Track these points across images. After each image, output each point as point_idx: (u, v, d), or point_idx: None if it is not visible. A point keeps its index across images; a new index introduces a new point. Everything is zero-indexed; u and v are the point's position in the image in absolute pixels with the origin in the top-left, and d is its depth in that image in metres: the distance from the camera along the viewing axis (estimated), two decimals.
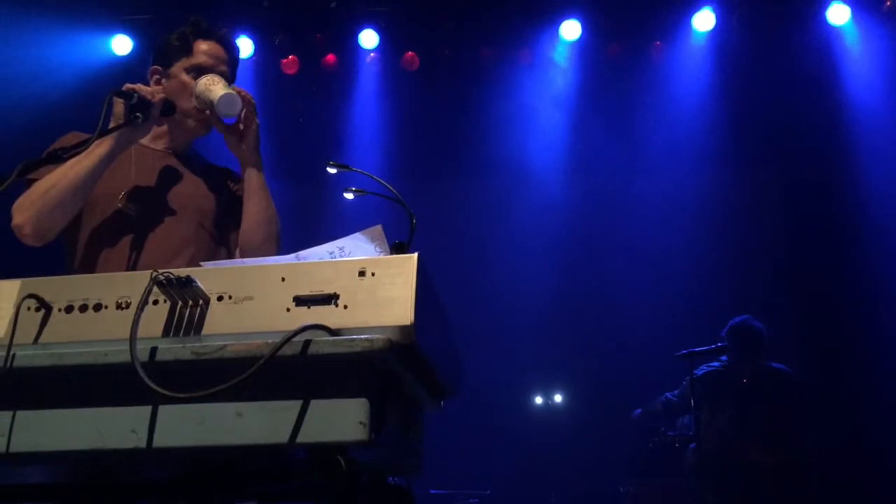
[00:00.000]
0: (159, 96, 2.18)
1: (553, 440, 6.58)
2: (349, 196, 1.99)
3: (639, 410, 5.72)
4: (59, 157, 1.82)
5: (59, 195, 2.13)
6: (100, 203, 2.25)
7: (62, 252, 2.32)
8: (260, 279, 1.29)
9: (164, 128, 2.39)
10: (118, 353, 1.22)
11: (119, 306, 1.30)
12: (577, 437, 6.47)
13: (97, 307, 1.30)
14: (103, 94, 2.07)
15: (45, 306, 1.31)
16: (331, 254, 1.51)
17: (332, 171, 1.98)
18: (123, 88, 2.12)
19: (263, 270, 1.30)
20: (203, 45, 2.35)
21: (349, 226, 1.55)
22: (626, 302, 6.44)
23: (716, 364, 5.36)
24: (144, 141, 2.37)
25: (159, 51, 2.40)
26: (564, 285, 6.62)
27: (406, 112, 6.58)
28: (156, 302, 1.29)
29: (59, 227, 2.20)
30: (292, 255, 1.49)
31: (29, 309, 1.31)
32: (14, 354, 1.26)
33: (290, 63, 6.38)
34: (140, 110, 2.12)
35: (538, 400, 7.01)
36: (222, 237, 2.36)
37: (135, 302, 1.27)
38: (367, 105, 6.62)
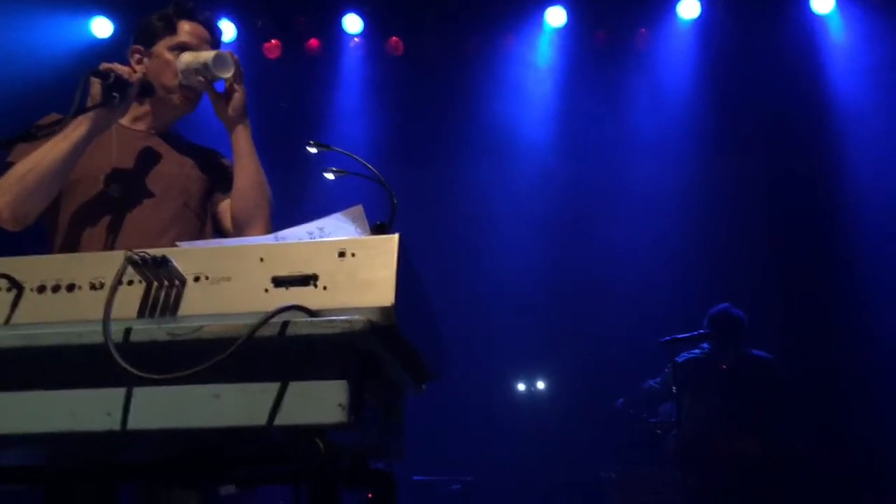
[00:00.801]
0: (137, 76, 2.15)
1: (536, 427, 6.60)
2: (329, 176, 1.97)
3: (621, 400, 5.74)
4: (32, 136, 1.78)
5: (36, 178, 2.10)
6: (81, 185, 2.22)
7: (45, 234, 2.29)
8: (237, 259, 1.26)
9: (147, 108, 2.36)
10: (92, 334, 1.19)
11: (93, 286, 1.27)
12: (560, 424, 6.48)
13: (70, 287, 1.27)
14: (83, 77, 2.04)
15: (16, 286, 1.28)
16: (310, 234, 1.49)
17: (312, 150, 1.96)
18: (100, 68, 2.09)
19: (241, 251, 1.28)
20: (187, 26, 2.33)
21: (330, 206, 1.53)
22: (611, 289, 6.45)
23: (696, 351, 5.38)
24: (126, 122, 2.35)
25: (142, 31, 2.38)
26: (549, 272, 6.62)
27: (390, 97, 6.55)
28: (130, 282, 1.26)
29: (38, 211, 2.17)
30: (271, 236, 1.47)
31: (0, 289, 1.28)
32: None
33: (272, 47, 6.32)
34: (117, 90, 2.09)
35: (521, 387, 7.02)
36: (206, 215, 2.34)
37: (109, 282, 1.25)
38: (350, 90, 6.57)
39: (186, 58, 2.20)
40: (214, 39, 2.39)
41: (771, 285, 6.68)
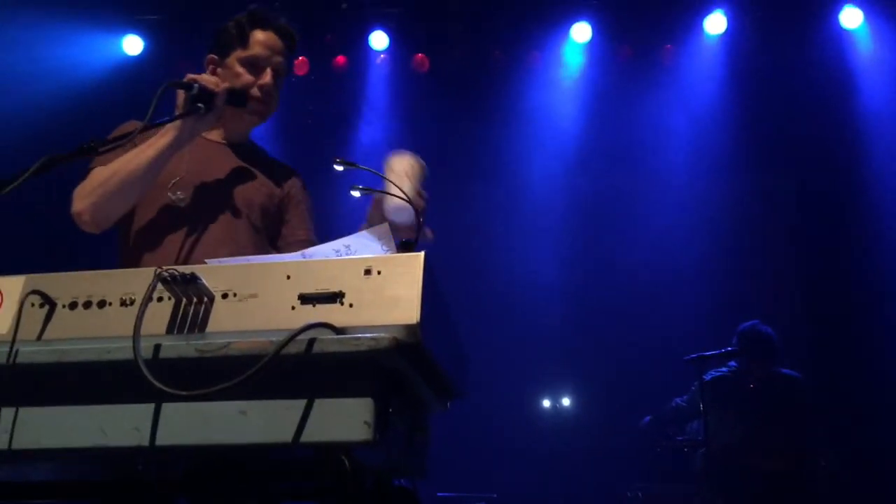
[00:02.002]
0: (223, 86, 2.15)
1: (560, 444, 6.55)
2: (356, 194, 1.98)
3: (648, 417, 5.68)
4: (90, 149, 1.74)
5: (119, 184, 2.11)
6: (151, 193, 2.22)
7: (115, 240, 2.31)
8: (265, 277, 1.28)
9: (224, 118, 2.34)
10: (121, 350, 1.21)
11: (123, 303, 1.29)
12: (585, 441, 6.43)
13: (101, 304, 1.29)
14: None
15: (49, 302, 1.30)
16: (337, 252, 1.50)
17: (339, 168, 1.97)
18: (184, 79, 2.10)
19: (268, 268, 1.29)
20: (259, 36, 2.31)
21: (356, 224, 1.55)
22: (637, 306, 6.41)
23: (724, 369, 5.33)
24: (206, 133, 2.34)
25: (217, 39, 2.37)
26: (574, 288, 6.59)
27: (415, 114, 6.57)
28: (160, 299, 1.28)
29: (117, 216, 2.18)
30: (298, 253, 1.48)
31: (33, 305, 1.31)
32: (17, 351, 1.26)
33: (300, 64, 6.38)
34: (202, 101, 2.09)
35: (546, 403, 6.98)
36: (271, 231, 2.32)
37: (139, 299, 1.26)
38: (376, 106, 6.61)
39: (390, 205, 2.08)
40: (288, 48, 2.36)
41: (799, 302, 6.60)
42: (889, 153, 6.02)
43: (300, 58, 6.37)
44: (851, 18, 5.91)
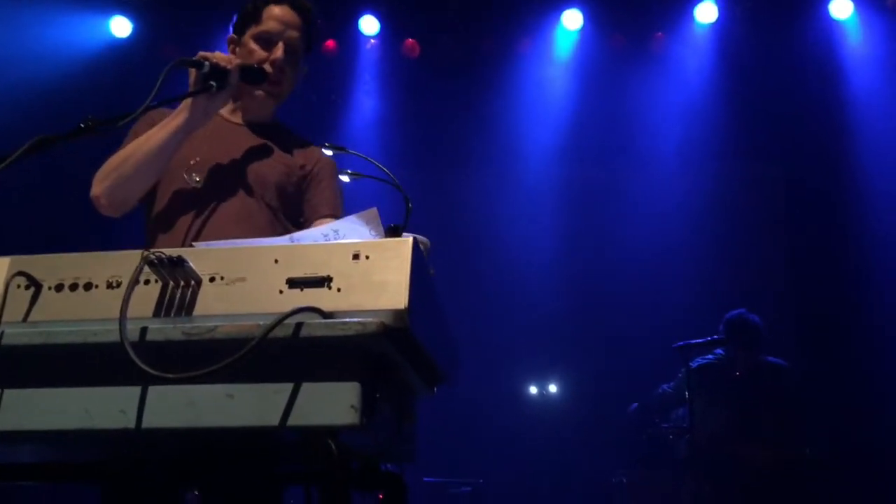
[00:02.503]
0: (235, 62, 2.11)
1: (547, 430, 6.58)
2: (345, 178, 1.98)
3: (635, 405, 5.72)
4: (87, 129, 1.69)
5: (133, 166, 2.11)
6: (171, 173, 2.20)
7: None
8: (253, 260, 1.27)
9: (241, 98, 2.33)
10: (108, 333, 1.20)
11: (110, 285, 1.28)
12: (571, 428, 6.47)
13: (87, 286, 1.29)
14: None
15: (34, 284, 1.30)
16: (325, 236, 1.50)
17: (328, 152, 1.97)
18: (196, 57, 2.06)
19: (256, 252, 1.28)
20: (273, 10, 2.27)
21: (345, 209, 1.54)
22: (624, 293, 6.43)
23: (711, 357, 5.36)
24: (225, 113, 2.33)
25: (238, 17, 2.34)
26: (562, 276, 6.61)
27: (405, 99, 6.55)
28: (147, 282, 1.27)
29: (135, 198, 2.17)
30: (286, 237, 1.47)
31: (18, 287, 1.30)
32: (2, 332, 1.25)
33: None
34: (214, 78, 2.05)
35: (532, 390, 7.01)
36: (289, 210, 2.28)
37: (125, 281, 1.26)
38: (366, 91, 6.59)
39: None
40: (305, 22, 2.31)
41: (787, 291, 6.64)
42: (877, 143, 6.05)
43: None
44: (841, 9, 5.92)
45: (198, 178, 2.17)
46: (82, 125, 1.59)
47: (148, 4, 6.20)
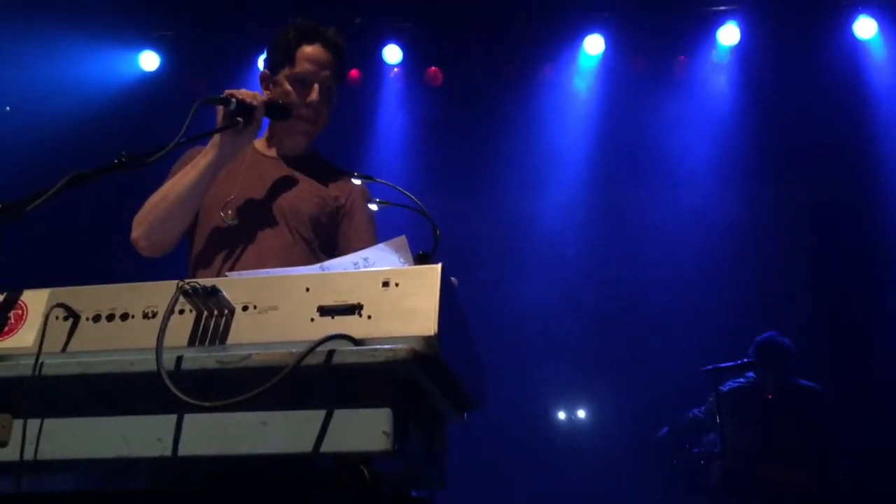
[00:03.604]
0: (261, 100, 2.16)
1: (576, 455, 6.53)
2: (374, 207, 2.00)
3: (665, 429, 5.66)
4: (121, 165, 1.71)
5: (168, 208, 2.16)
6: (210, 210, 2.25)
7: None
8: (284, 289, 1.29)
9: (276, 134, 2.38)
10: (144, 362, 1.23)
11: (146, 315, 1.31)
12: (601, 453, 6.41)
13: (124, 316, 1.32)
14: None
15: (73, 315, 1.33)
16: (355, 264, 1.52)
17: (356, 182, 2.00)
18: (223, 95, 2.10)
19: (288, 281, 1.31)
20: (306, 50, 2.31)
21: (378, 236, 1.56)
22: (653, 317, 6.39)
23: (741, 380, 5.30)
24: (262, 148, 2.38)
25: (269, 55, 2.39)
26: (589, 300, 6.58)
27: (429, 127, 6.60)
28: (182, 311, 1.30)
29: (173, 239, 2.22)
30: (317, 266, 1.50)
31: (57, 318, 1.33)
32: (42, 363, 1.28)
33: None
34: (240, 115, 2.09)
35: (561, 415, 6.96)
36: (324, 242, 2.30)
37: (161, 311, 1.28)
38: (390, 120, 6.65)
39: None
40: (339, 59, 2.35)
41: (816, 314, 6.56)
42: None
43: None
44: (866, 28, 5.90)
45: (233, 215, 2.20)
46: (116, 161, 1.62)
47: (176, 39, 6.33)
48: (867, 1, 5.89)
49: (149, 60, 6.36)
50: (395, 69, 6.50)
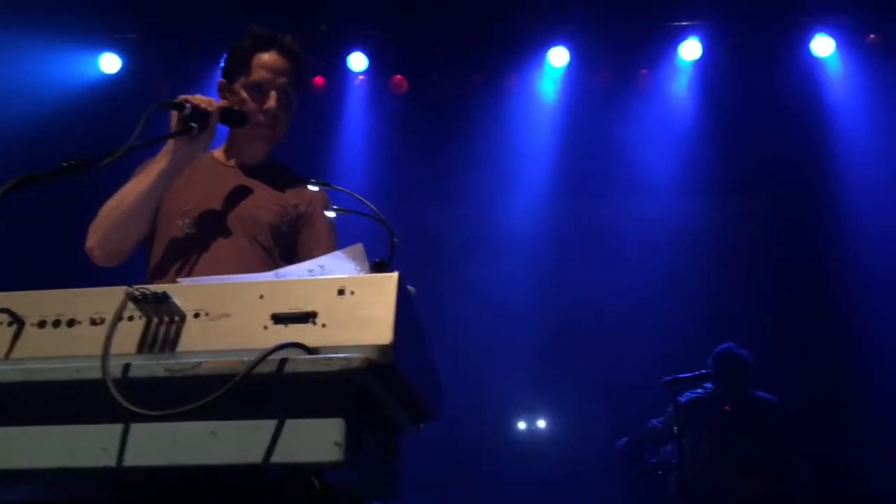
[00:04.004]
0: (216, 106, 2.14)
1: (536, 466, 6.53)
2: (330, 214, 1.99)
3: (624, 440, 5.69)
4: (71, 169, 1.68)
5: (121, 215, 2.13)
6: (167, 219, 2.23)
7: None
8: (237, 296, 1.27)
9: (234, 143, 2.36)
10: (90, 370, 1.20)
11: (93, 322, 1.28)
12: (561, 463, 6.42)
13: (70, 322, 1.28)
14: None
15: (17, 321, 1.29)
16: (310, 272, 1.50)
17: (313, 188, 1.98)
18: (177, 100, 2.08)
19: (241, 287, 1.28)
20: (262, 58, 2.29)
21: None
22: (613, 328, 6.43)
23: (700, 391, 5.35)
24: (221, 157, 2.36)
25: (226, 63, 2.37)
26: (549, 311, 6.60)
27: (393, 135, 6.59)
28: (131, 318, 1.27)
29: (128, 248, 2.19)
30: (271, 273, 1.48)
31: (1, 323, 1.29)
32: None
33: None
34: (195, 121, 2.07)
35: (521, 426, 6.97)
36: (283, 250, 2.29)
37: (109, 318, 1.25)
38: (354, 127, 6.63)
39: None
40: (296, 67, 2.34)
41: (775, 325, 6.65)
42: (860, 178, 6.11)
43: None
44: (823, 47, 6.02)
45: (190, 223, 2.18)
46: (65, 164, 1.59)
47: (137, 41, 6.25)
48: (825, 20, 6.01)
49: (110, 63, 6.26)
50: (361, 77, 6.49)
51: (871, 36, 5.94)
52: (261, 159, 2.39)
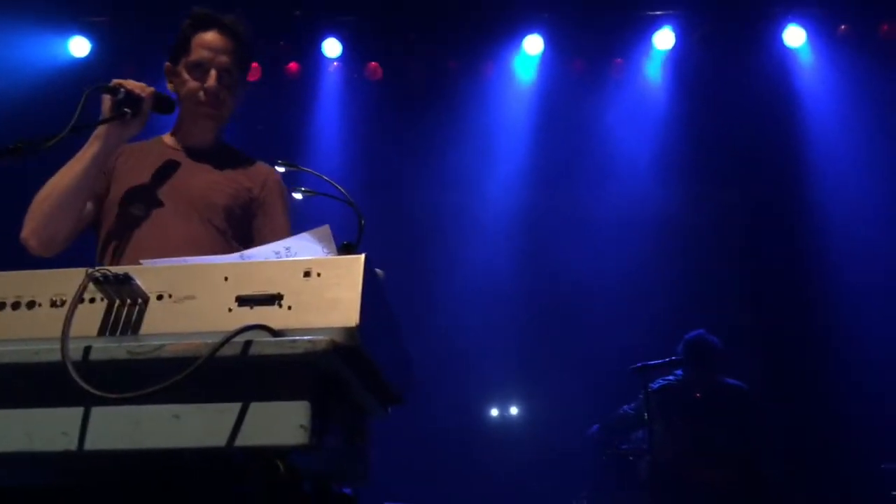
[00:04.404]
0: (149, 90, 2.13)
1: (508, 452, 6.56)
2: (298, 196, 1.97)
3: (596, 426, 5.72)
4: (15, 151, 1.69)
5: (54, 203, 2.10)
6: (116, 204, 2.21)
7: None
8: (202, 278, 1.25)
9: (182, 126, 2.35)
10: (49, 352, 1.17)
11: (53, 304, 1.25)
12: (533, 450, 6.45)
13: (30, 304, 1.26)
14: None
15: None
16: (276, 253, 1.48)
17: (280, 170, 1.96)
18: (111, 84, 2.08)
19: (206, 269, 1.26)
20: (202, 37, 2.28)
21: (298, 226, 1.53)
22: (586, 314, 6.46)
23: (671, 378, 5.39)
24: (169, 141, 2.35)
25: (170, 48, 2.36)
26: (523, 298, 6.62)
27: (367, 122, 6.56)
28: (92, 300, 1.25)
29: (64, 235, 2.15)
30: (236, 254, 1.46)
31: None
32: None
33: (252, 70, 6.30)
34: (128, 105, 2.07)
35: (494, 412, 6.99)
36: (238, 232, 2.27)
37: (69, 299, 1.23)
38: (328, 114, 6.58)
39: None
40: (238, 46, 2.33)
41: (746, 313, 6.72)
42: (831, 167, 6.19)
43: (252, 63, 6.29)
44: (795, 37, 6.06)
45: (141, 208, 2.17)
46: (11, 147, 1.58)
47: (107, 24, 6.15)
48: (797, 11, 6.06)
49: (79, 46, 6.16)
50: (335, 63, 6.44)
51: (842, 27, 6.00)
52: (209, 141, 2.37)
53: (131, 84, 2.09)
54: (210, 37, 2.28)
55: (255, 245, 2.22)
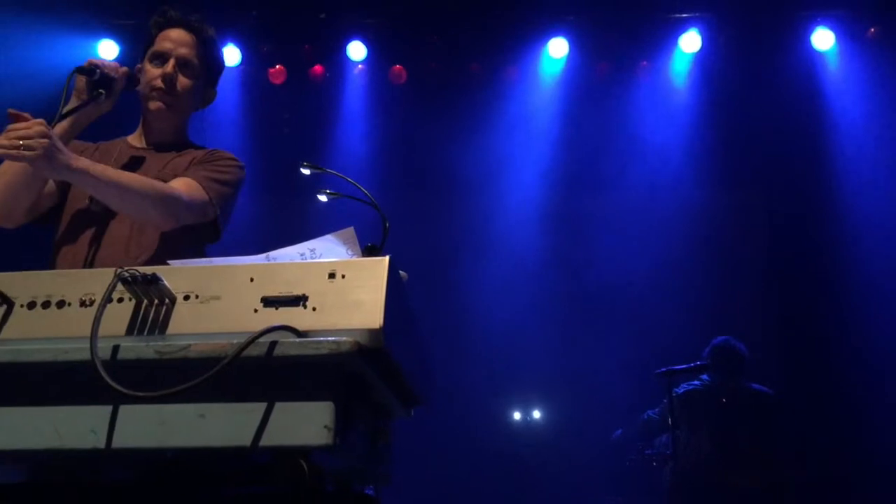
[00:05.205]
0: (122, 70, 2.23)
1: (531, 456, 6.54)
2: (322, 198, 1.98)
3: (619, 431, 5.70)
4: None
5: (10, 180, 2.15)
6: (74, 201, 2.27)
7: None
8: (228, 279, 1.27)
9: (144, 122, 2.42)
10: (78, 351, 1.19)
11: (83, 303, 1.27)
12: (556, 454, 6.43)
13: (60, 304, 1.28)
14: (69, 75, 2.12)
15: (6, 302, 1.28)
16: (301, 255, 1.49)
17: (305, 172, 1.97)
18: (86, 65, 2.16)
19: (232, 270, 1.28)
20: (167, 33, 2.37)
21: (322, 228, 1.54)
22: (610, 319, 6.43)
23: (696, 383, 5.35)
24: (133, 140, 2.41)
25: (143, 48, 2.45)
26: (547, 301, 6.60)
27: (391, 124, 6.58)
28: (120, 300, 1.27)
29: (22, 209, 2.21)
30: (262, 256, 1.47)
31: None
32: None
33: (277, 73, 6.37)
34: (103, 86, 2.16)
35: (517, 416, 6.98)
36: (192, 226, 2.29)
37: (98, 299, 1.25)
38: (353, 117, 6.61)
39: None
40: (201, 42, 2.40)
41: (771, 318, 6.66)
42: (858, 172, 6.12)
43: (278, 66, 6.35)
44: (823, 40, 6.00)
45: (98, 203, 2.21)
46: None
47: (135, 28, 6.22)
48: (825, 14, 6.00)
49: (108, 49, 6.23)
50: (360, 66, 6.47)
51: (871, 29, 5.93)
52: (171, 136, 2.41)
53: (107, 65, 2.20)
54: (174, 32, 2.37)
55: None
